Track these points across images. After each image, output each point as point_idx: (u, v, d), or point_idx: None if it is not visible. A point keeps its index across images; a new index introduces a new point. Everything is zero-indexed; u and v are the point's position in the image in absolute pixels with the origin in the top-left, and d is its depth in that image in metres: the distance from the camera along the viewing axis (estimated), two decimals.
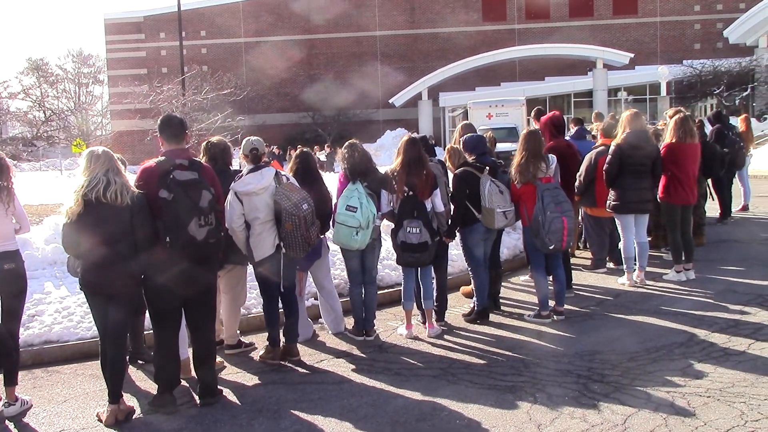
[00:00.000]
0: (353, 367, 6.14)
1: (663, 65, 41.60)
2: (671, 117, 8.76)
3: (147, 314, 5.76)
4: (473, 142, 7.34)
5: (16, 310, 5.51)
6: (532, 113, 10.09)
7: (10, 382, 5.36)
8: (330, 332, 7.15)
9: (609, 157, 8.19)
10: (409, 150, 6.81)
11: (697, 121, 10.93)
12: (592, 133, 10.77)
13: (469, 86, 44.20)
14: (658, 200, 8.64)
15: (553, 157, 7.42)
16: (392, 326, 7.28)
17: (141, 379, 6.13)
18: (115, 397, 5.13)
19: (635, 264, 8.43)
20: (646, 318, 7.09)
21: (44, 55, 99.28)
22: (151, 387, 5.60)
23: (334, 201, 6.92)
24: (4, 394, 5.34)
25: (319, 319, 7.35)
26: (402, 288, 7.13)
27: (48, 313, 7.34)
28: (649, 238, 9.05)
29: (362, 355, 6.49)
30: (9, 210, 5.39)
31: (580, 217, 9.44)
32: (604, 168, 8.26)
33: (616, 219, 8.57)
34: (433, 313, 7.12)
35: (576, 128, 10.33)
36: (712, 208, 11.76)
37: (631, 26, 48.82)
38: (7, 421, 5.25)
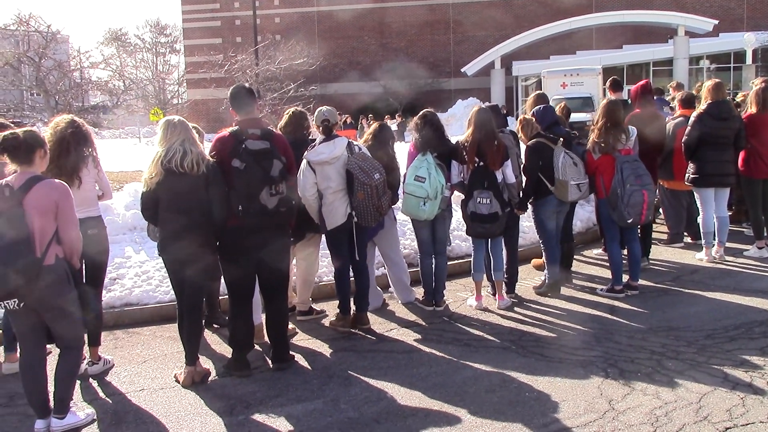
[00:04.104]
0: (422, 336, 6.17)
1: (749, 32, 39.67)
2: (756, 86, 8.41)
3: (222, 280, 5.91)
4: (540, 114, 7.29)
5: (99, 273, 5.72)
6: (608, 83, 9.83)
7: (94, 342, 5.60)
8: (399, 302, 7.21)
9: (688, 128, 7.93)
10: (480, 120, 6.74)
11: None
12: (671, 105, 10.44)
13: (544, 55, 43.19)
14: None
15: (633, 129, 7.22)
16: (462, 297, 7.27)
17: (216, 342, 6.31)
18: (191, 359, 5.31)
19: (714, 239, 8.18)
20: (724, 295, 6.89)
21: (123, 25, 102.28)
22: (226, 351, 5.76)
23: (402, 171, 6.92)
24: (88, 354, 5.57)
25: (389, 289, 7.39)
26: (472, 259, 7.10)
27: (128, 276, 7.62)
28: (730, 213, 8.75)
29: (431, 325, 6.51)
30: (96, 177, 5.58)
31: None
32: (682, 140, 8.01)
33: (695, 192, 8.32)
34: (504, 284, 7.08)
35: (655, 99, 10.03)
36: None
37: None
38: (90, 379, 5.50)
